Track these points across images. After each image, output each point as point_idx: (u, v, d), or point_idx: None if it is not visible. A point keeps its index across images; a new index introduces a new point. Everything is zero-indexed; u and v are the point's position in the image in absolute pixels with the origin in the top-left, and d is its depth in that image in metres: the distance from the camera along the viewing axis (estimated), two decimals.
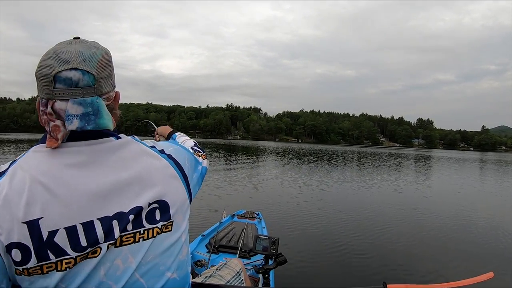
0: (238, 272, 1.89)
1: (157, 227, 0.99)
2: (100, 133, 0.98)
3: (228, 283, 1.77)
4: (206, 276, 1.81)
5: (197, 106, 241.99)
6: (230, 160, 25.41)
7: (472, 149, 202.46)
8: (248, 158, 28.95)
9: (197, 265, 3.47)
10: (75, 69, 0.92)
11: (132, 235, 0.94)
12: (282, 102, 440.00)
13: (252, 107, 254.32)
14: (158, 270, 0.99)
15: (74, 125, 0.92)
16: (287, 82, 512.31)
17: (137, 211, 0.95)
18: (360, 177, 17.07)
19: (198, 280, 1.76)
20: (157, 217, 0.99)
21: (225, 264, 1.96)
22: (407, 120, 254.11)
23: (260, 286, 2.82)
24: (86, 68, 0.94)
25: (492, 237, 7.06)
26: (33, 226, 0.83)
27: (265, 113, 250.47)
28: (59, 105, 0.92)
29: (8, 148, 30.25)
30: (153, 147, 1.10)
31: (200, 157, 1.37)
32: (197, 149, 1.46)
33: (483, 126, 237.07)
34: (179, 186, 1.08)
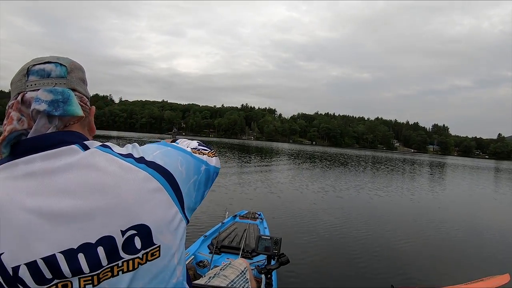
0: (242, 271, 1.83)
1: (138, 257, 0.86)
2: (60, 140, 0.87)
3: (232, 282, 1.70)
4: (210, 277, 1.75)
5: (212, 106, 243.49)
6: (241, 161, 25.30)
7: (487, 157, 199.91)
8: (260, 159, 28.80)
9: (200, 266, 3.52)
10: (49, 62, 0.93)
11: (109, 269, 0.83)
12: (297, 103, 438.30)
13: (267, 108, 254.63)
14: None
15: (41, 106, 0.87)
16: (302, 83, 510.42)
17: (108, 241, 0.82)
18: (371, 182, 16.84)
19: (202, 281, 1.69)
20: (137, 245, 0.85)
21: (229, 264, 1.91)
22: (422, 126, 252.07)
23: (262, 286, 2.89)
24: (59, 61, 0.95)
25: (507, 241, 7.22)
26: None
27: (280, 114, 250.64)
28: (29, 94, 0.88)
29: None
30: (129, 155, 0.92)
31: (205, 155, 1.21)
32: (202, 147, 1.32)
33: (499, 134, 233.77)
34: (165, 201, 0.92)
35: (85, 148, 0.89)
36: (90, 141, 0.93)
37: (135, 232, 0.85)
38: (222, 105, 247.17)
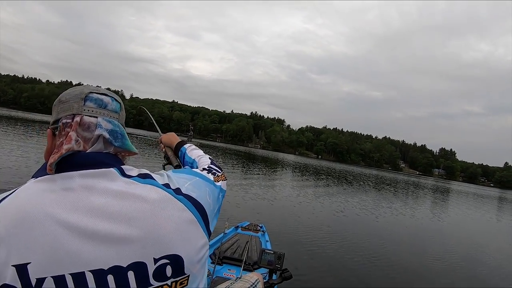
0: (253, 283, 1.84)
1: (167, 284, 0.87)
2: (99, 161, 0.90)
3: None
4: None
5: (222, 111, 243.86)
6: (246, 169, 25.20)
7: (492, 185, 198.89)
8: (265, 169, 28.69)
9: None
10: (105, 94, 0.99)
11: None
12: (306, 116, 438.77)
13: (276, 117, 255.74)
14: None
15: (105, 134, 0.94)
16: (313, 97, 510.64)
17: (140, 268, 0.83)
18: (376, 202, 16.95)
19: None
20: (168, 273, 0.87)
21: (240, 277, 1.92)
22: (430, 148, 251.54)
23: None
24: (114, 96, 1.02)
25: (503, 271, 7.33)
26: (22, 270, 0.77)
27: (288, 125, 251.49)
28: (88, 119, 0.93)
29: (32, 127, 32.15)
30: (166, 186, 0.95)
31: (220, 181, 1.24)
32: (215, 169, 1.32)
33: (506, 163, 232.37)
34: (198, 232, 0.95)
35: (122, 172, 0.92)
36: (128, 166, 0.96)
37: (168, 261, 0.86)
38: (232, 111, 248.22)
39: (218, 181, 1.21)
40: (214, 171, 1.28)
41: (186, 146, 1.64)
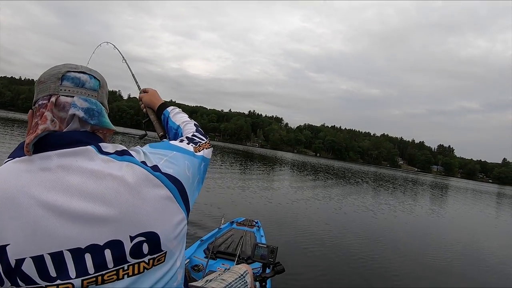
0: (241, 275, 1.82)
1: (144, 261, 0.88)
2: (76, 140, 0.89)
3: (229, 285, 1.70)
4: (207, 280, 1.76)
5: (220, 110, 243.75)
6: (243, 167, 25.38)
7: (491, 181, 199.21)
8: (263, 167, 28.72)
9: (194, 270, 3.55)
10: (83, 72, 0.98)
11: (115, 272, 0.84)
12: (304, 114, 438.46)
13: (274, 116, 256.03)
14: None
15: (80, 113, 0.92)
16: (311, 95, 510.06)
17: (116, 246, 0.83)
18: (372, 198, 16.94)
19: (198, 284, 1.70)
20: (145, 250, 0.87)
21: (229, 269, 1.91)
22: (428, 145, 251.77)
23: None
24: (93, 74, 1.00)
25: (501, 274, 7.05)
26: (1, 252, 0.77)
27: (286, 124, 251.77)
28: (64, 99, 0.93)
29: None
30: (143, 163, 0.94)
31: (203, 149, 1.22)
32: (199, 138, 1.30)
33: (504, 159, 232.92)
34: (174, 208, 0.95)
35: (100, 150, 0.91)
36: (105, 143, 0.95)
37: (144, 238, 0.86)
38: (230, 110, 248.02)
39: (199, 151, 1.18)
40: (197, 140, 1.25)
41: (169, 109, 1.57)
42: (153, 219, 0.88)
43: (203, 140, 1.30)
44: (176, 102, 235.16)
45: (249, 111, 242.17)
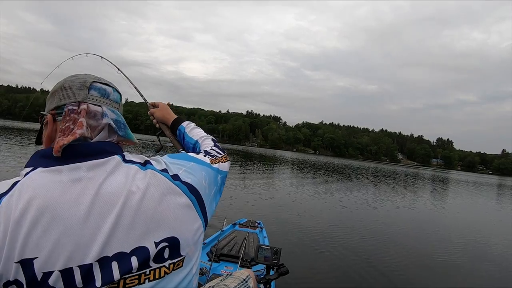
0: (244, 279, 1.84)
1: (164, 266, 0.91)
2: (103, 150, 0.93)
3: None
4: (210, 287, 1.78)
5: (217, 111, 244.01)
6: (244, 167, 25.37)
7: (491, 172, 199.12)
8: (263, 167, 28.76)
9: (198, 274, 3.77)
10: (107, 84, 1.03)
11: (137, 276, 0.86)
12: (302, 112, 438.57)
13: (272, 115, 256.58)
14: None
15: (112, 123, 0.98)
16: (308, 93, 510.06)
17: (142, 252, 0.87)
18: (374, 195, 16.76)
19: None
20: (166, 255, 0.91)
21: (231, 274, 1.92)
22: (427, 139, 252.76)
23: None
24: (115, 87, 1.06)
25: (502, 257, 7.28)
26: (27, 266, 0.77)
27: (285, 122, 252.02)
28: (93, 107, 0.97)
29: (27, 136, 32.24)
30: (164, 170, 0.99)
31: (219, 162, 1.25)
32: (216, 152, 1.34)
33: (503, 150, 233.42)
34: (193, 216, 0.99)
35: (124, 159, 0.95)
36: (128, 154, 1.00)
37: (167, 244, 0.90)
38: (227, 111, 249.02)
39: (215, 163, 1.22)
40: (214, 154, 1.29)
41: (185, 124, 1.58)
42: (174, 225, 0.92)
43: (220, 154, 1.33)
44: (174, 105, 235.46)
45: (247, 111, 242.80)
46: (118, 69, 1.81)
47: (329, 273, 5.27)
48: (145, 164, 0.98)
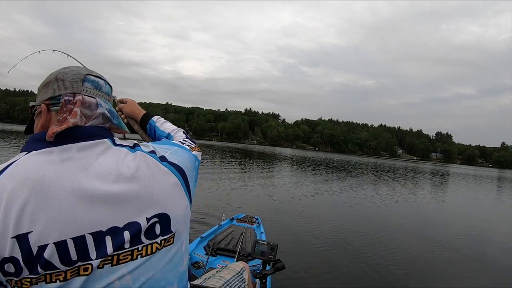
0: (239, 272, 1.86)
1: (156, 242, 0.95)
2: (95, 133, 0.98)
3: (227, 282, 1.73)
4: (206, 278, 1.79)
5: (216, 109, 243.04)
6: (243, 165, 25.35)
7: (491, 165, 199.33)
8: (262, 164, 28.51)
9: (195, 267, 3.57)
10: (99, 77, 1.08)
11: (130, 252, 0.90)
12: (300, 109, 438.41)
13: (271, 113, 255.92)
14: (159, 286, 0.97)
15: (106, 112, 1.04)
16: (306, 89, 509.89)
17: (134, 227, 0.91)
18: (373, 190, 16.56)
19: (197, 282, 1.72)
20: (157, 231, 0.95)
21: (226, 266, 1.95)
22: (426, 133, 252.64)
23: None
24: (106, 80, 1.11)
25: (502, 251, 7.20)
26: (22, 240, 0.80)
27: (284, 120, 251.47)
28: (88, 98, 1.01)
29: (27, 139, 31.37)
30: (152, 152, 1.05)
31: (195, 151, 1.31)
32: (189, 142, 1.38)
33: (502, 143, 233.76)
34: (181, 194, 1.05)
35: (114, 143, 1.01)
36: (117, 138, 1.05)
37: (158, 219, 0.95)
38: (226, 109, 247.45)
39: (193, 151, 1.28)
40: (189, 144, 1.34)
41: (154, 118, 1.62)
42: (165, 201, 0.97)
43: (193, 144, 1.37)
44: (173, 104, 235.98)
45: (246, 109, 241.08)
46: (84, 66, 1.63)
47: (325, 268, 5.25)
48: (134, 147, 1.03)
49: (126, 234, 0.89)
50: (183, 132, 1.52)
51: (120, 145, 1.01)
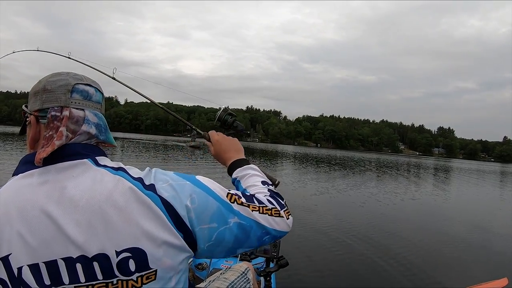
0: (243, 272, 1.85)
1: (132, 279, 0.86)
2: (75, 152, 0.94)
3: (232, 284, 1.72)
4: (210, 281, 1.77)
5: (218, 108, 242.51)
6: None
7: (493, 160, 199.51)
8: (264, 162, 28.42)
9: (198, 269, 3.47)
10: (89, 85, 1.02)
11: (104, 284, 0.85)
12: (302, 106, 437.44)
13: (272, 110, 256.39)
14: None
15: (93, 130, 0.99)
16: (307, 86, 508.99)
17: (102, 259, 0.84)
18: (375, 186, 16.58)
19: (202, 285, 1.72)
20: (131, 267, 0.86)
21: (230, 267, 1.93)
22: (428, 128, 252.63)
23: None
24: (97, 86, 1.05)
25: (507, 245, 7.17)
26: (5, 262, 0.82)
27: (285, 117, 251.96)
28: (76, 112, 0.96)
29: (25, 141, 31.43)
30: (139, 180, 0.93)
31: (255, 211, 1.04)
32: (274, 204, 1.10)
33: (504, 137, 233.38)
34: (163, 226, 0.89)
35: (96, 163, 0.94)
36: (103, 157, 0.99)
37: (130, 254, 0.85)
38: (227, 107, 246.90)
39: (239, 204, 1.03)
40: (256, 201, 1.08)
41: (239, 174, 1.34)
42: (137, 235, 0.86)
43: (272, 206, 1.09)
44: (174, 103, 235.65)
45: (247, 106, 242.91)
46: (84, 64, 1.83)
47: (328, 264, 5.24)
48: (117, 170, 0.95)
49: (96, 266, 0.84)
50: (267, 190, 1.18)
51: (104, 166, 0.95)
